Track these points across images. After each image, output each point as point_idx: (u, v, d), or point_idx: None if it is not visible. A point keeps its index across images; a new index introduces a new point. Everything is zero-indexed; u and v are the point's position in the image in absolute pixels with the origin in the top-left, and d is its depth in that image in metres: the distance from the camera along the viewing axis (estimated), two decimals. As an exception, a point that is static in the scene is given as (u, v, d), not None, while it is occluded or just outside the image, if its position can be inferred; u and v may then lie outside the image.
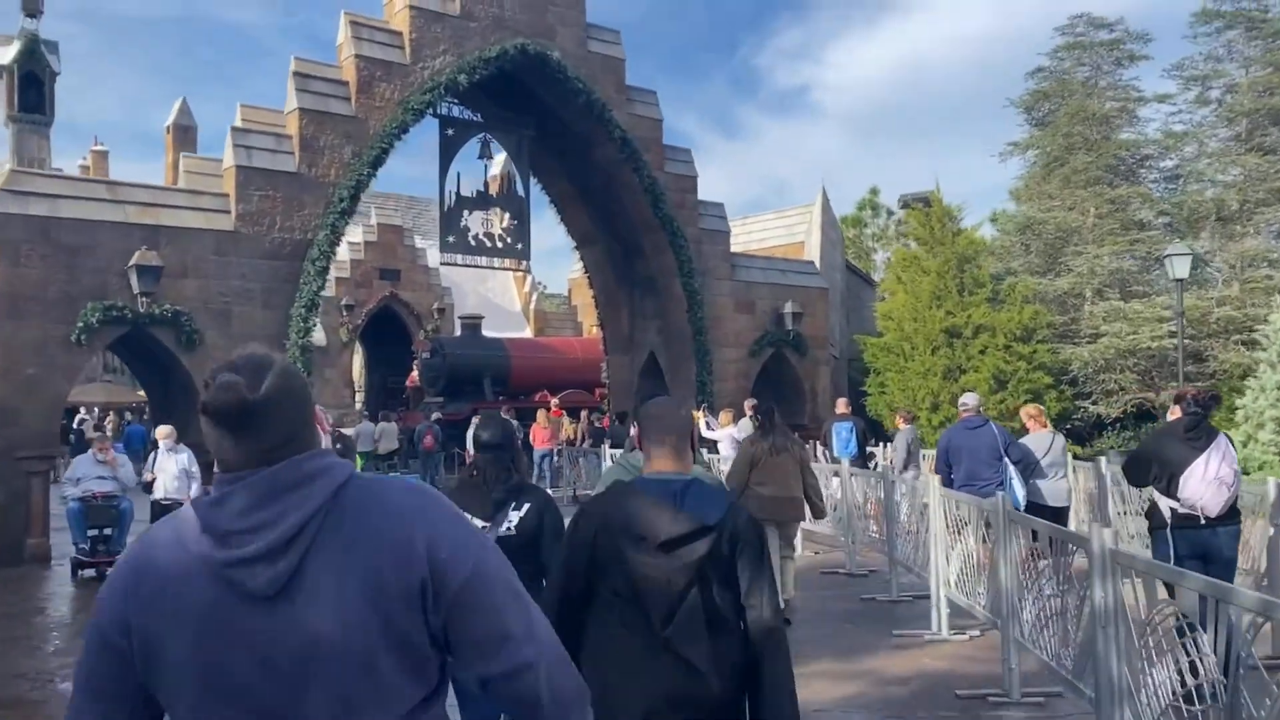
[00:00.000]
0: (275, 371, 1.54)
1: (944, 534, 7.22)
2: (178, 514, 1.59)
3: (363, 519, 1.52)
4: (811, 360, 21.41)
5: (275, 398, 1.51)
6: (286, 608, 1.47)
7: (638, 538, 2.47)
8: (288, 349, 14.32)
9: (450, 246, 17.67)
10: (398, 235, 33.30)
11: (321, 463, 1.54)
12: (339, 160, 15.02)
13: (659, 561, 2.44)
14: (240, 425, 1.49)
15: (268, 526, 1.47)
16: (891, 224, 44.13)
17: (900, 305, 21.42)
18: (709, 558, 2.45)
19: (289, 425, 1.53)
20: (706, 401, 18.47)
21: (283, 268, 14.47)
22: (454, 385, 26.46)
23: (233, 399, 1.48)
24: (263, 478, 1.49)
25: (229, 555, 1.47)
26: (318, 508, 1.50)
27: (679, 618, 2.42)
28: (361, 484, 1.56)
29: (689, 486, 2.55)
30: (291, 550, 1.47)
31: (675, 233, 18.92)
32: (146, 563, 1.55)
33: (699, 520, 2.47)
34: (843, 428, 12.96)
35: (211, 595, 1.48)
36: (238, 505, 1.49)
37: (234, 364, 1.54)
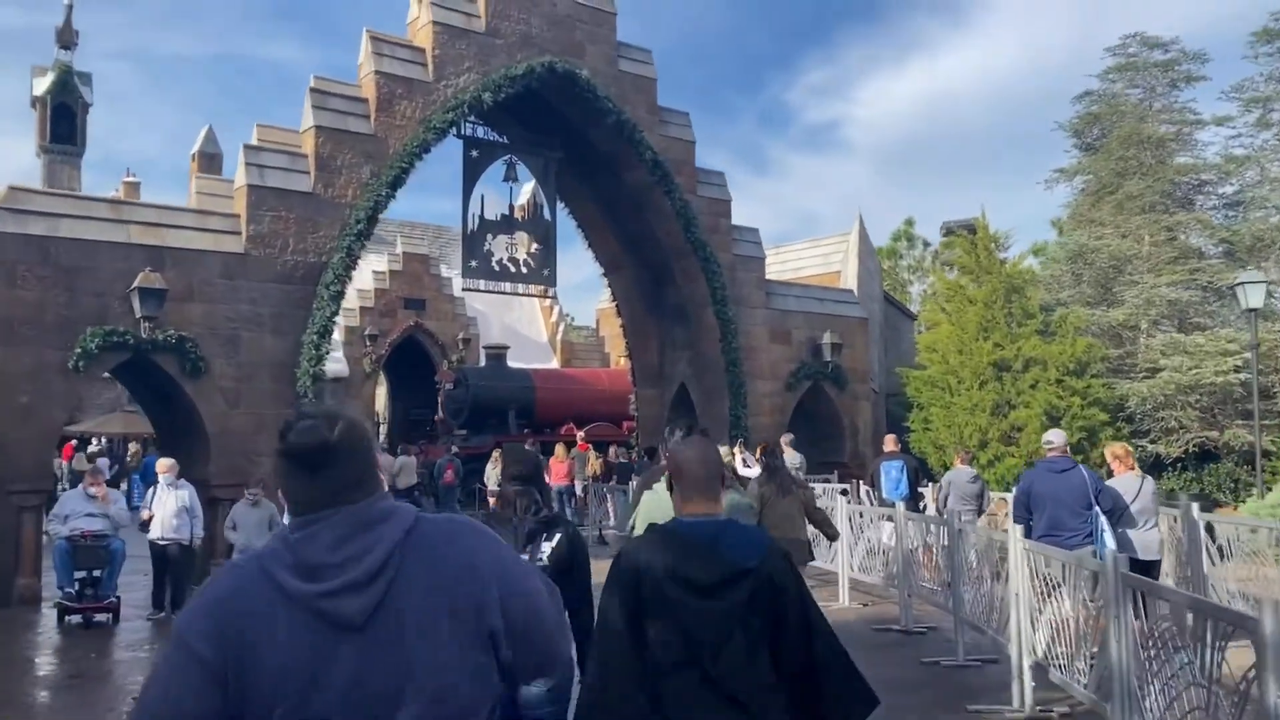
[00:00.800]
0: (346, 419, 1.74)
1: (1029, 594, 6.19)
2: (259, 551, 1.71)
3: (438, 556, 1.70)
4: (851, 394, 20.36)
5: (348, 441, 1.70)
6: (373, 637, 1.62)
7: (681, 582, 2.48)
8: (298, 378, 13.55)
9: (473, 271, 16.89)
10: (423, 264, 32.74)
11: (391, 503, 1.73)
12: (357, 180, 14.31)
13: (703, 605, 2.46)
14: (318, 465, 1.67)
15: (355, 560, 1.63)
16: (928, 255, 43.12)
17: (945, 337, 20.37)
18: (751, 599, 2.47)
19: (360, 467, 1.71)
20: (742, 437, 17.46)
21: (295, 292, 13.73)
22: (477, 417, 25.67)
23: (314, 440, 1.68)
24: (346, 515, 1.66)
25: (320, 588, 1.61)
26: (396, 543, 1.67)
27: (725, 657, 2.44)
28: (430, 522, 1.75)
29: (725, 528, 2.56)
30: (377, 582, 1.63)
31: (708, 258, 18.04)
32: (233, 593, 1.66)
33: (739, 564, 2.48)
34: (892, 467, 11.93)
35: (301, 625, 1.60)
36: (326, 540, 1.64)
37: (307, 412, 1.75)
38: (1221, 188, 20.98)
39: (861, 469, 20.38)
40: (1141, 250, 20.40)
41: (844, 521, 10.96)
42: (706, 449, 2.81)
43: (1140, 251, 20.39)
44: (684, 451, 2.77)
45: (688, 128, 18.44)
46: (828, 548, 11.53)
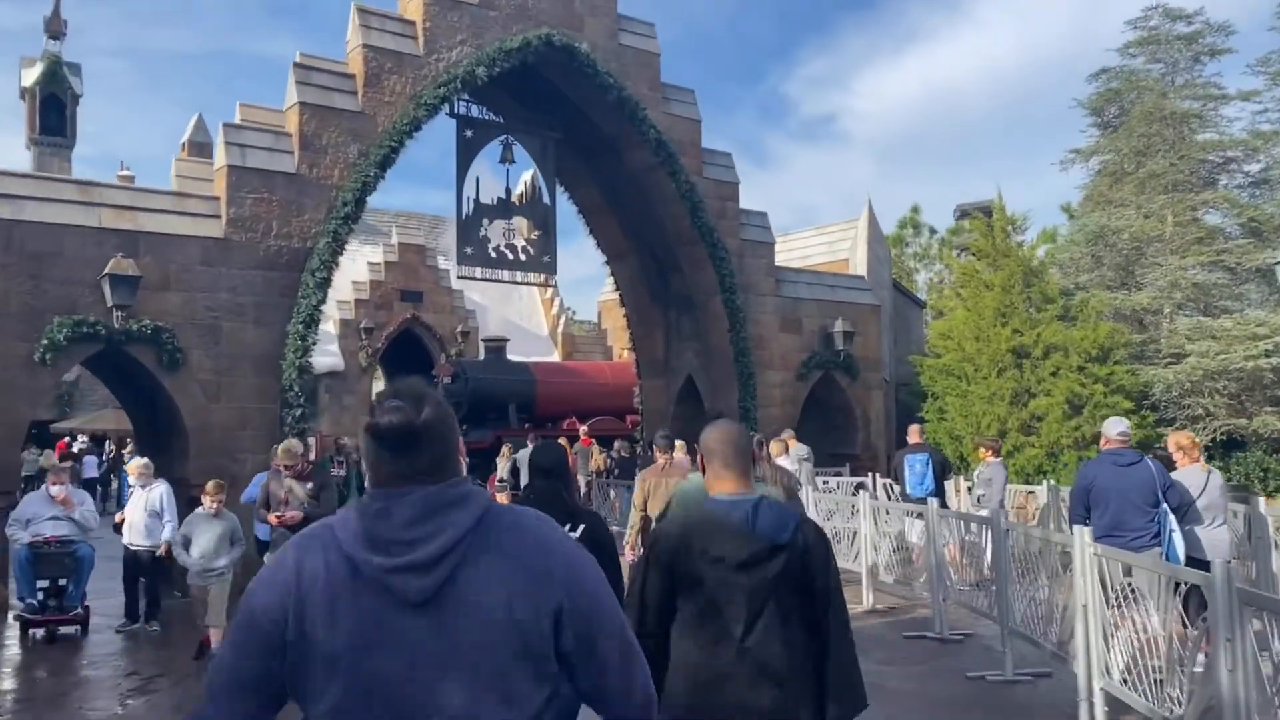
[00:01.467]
0: (433, 401, 1.79)
1: (1100, 605, 5.40)
2: (332, 521, 1.78)
3: (507, 542, 1.73)
4: (864, 384, 19.56)
5: (434, 423, 1.76)
6: (436, 615, 1.66)
7: (716, 559, 2.59)
8: (283, 370, 12.76)
9: (468, 258, 16.08)
10: (420, 255, 31.93)
11: (469, 488, 1.77)
12: (343, 160, 13.50)
13: (738, 579, 2.57)
14: (403, 446, 1.72)
15: (426, 540, 1.67)
16: (935, 242, 42.31)
17: (960, 323, 19.57)
18: (784, 574, 2.58)
19: (441, 450, 1.76)
20: (755, 430, 16.67)
21: (279, 279, 12.93)
22: (476, 412, 24.87)
23: (400, 420, 1.73)
24: (423, 496, 1.70)
25: (390, 563, 1.65)
26: (469, 527, 1.70)
27: (758, 629, 2.56)
28: (501, 510, 1.79)
29: (759, 505, 2.66)
30: (445, 563, 1.66)
31: (715, 244, 17.23)
32: (303, 565, 1.70)
33: (772, 539, 2.59)
34: (917, 460, 11.11)
35: (368, 599, 1.65)
36: (401, 518, 1.69)
37: (398, 391, 1.80)
38: (1248, 165, 20.15)
39: (874, 461, 19.61)
40: (1165, 231, 19.57)
41: (866, 518, 10.18)
42: (733, 429, 2.84)
43: (1163, 233, 19.56)
44: (712, 433, 2.83)
45: (693, 105, 17.61)
46: (849, 546, 10.77)
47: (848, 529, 10.86)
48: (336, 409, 29.79)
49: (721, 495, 2.71)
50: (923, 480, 10.80)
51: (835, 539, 11.21)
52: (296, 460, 8.35)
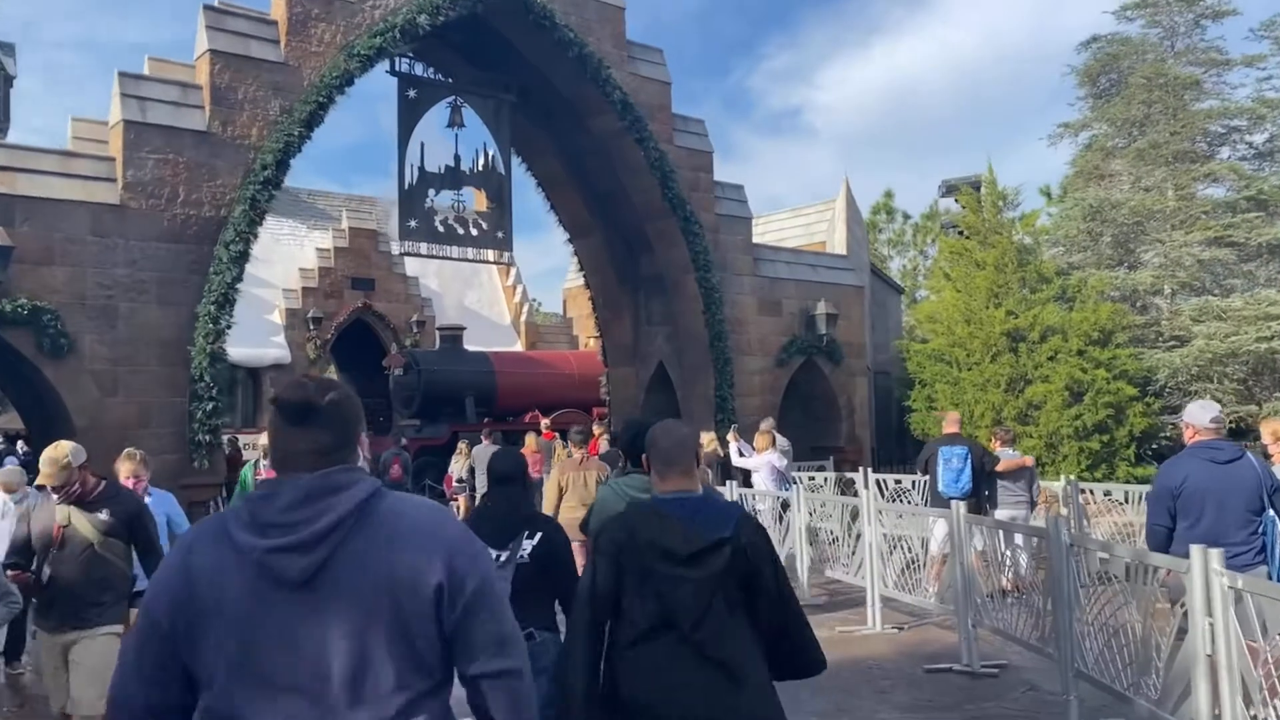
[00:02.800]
0: (340, 390, 1.88)
1: (1237, 659, 3.92)
2: (228, 508, 1.93)
3: (387, 526, 1.77)
4: (847, 370, 18.13)
5: (335, 405, 1.83)
6: (312, 596, 1.71)
7: (663, 553, 2.64)
8: (193, 358, 11.03)
9: (411, 233, 14.38)
10: (371, 241, 30.09)
11: (356, 475, 1.81)
12: (263, 118, 11.77)
13: (685, 574, 2.62)
14: (300, 419, 1.80)
15: (305, 523, 1.72)
16: (909, 228, 41.15)
17: (949, 305, 18.18)
18: (728, 566, 2.64)
19: (339, 435, 1.82)
20: (733, 422, 15.18)
21: (187, 253, 11.20)
22: (431, 406, 23.17)
23: (301, 396, 1.82)
24: (306, 480, 1.76)
25: (269, 544, 1.72)
26: (349, 511, 1.74)
27: (707, 623, 2.59)
28: (388, 498, 1.83)
29: (703, 502, 2.78)
30: (323, 545, 1.72)
31: (688, 218, 15.68)
32: (192, 553, 1.78)
33: (717, 534, 2.67)
34: (954, 454, 9.39)
35: (249, 580, 1.72)
36: (282, 501, 1.74)
37: (306, 376, 1.92)
38: (1252, 135, 18.94)
39: (859, 454, 18.20)
40: (1166, 205, 18.30)
41: (871, 522, 8.68)
42: (679, 429, 2.97)
43: (1165, 207, 18.30)
44: (657, 433, 2.91)
45: (662, 66, 16.04)
46: (849, 554, 9.28)
47: (846, 533, 9.35)
48: (283, 404, 27.95)
49: (667, 492, 2.78)
50: (959, 478, 9.20)
51: (832, 545, 9.72)
52: (70, 475, 4.86)
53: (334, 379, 1.90)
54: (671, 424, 3.04)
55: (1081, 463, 16.53)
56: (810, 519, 9.73)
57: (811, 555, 9.70)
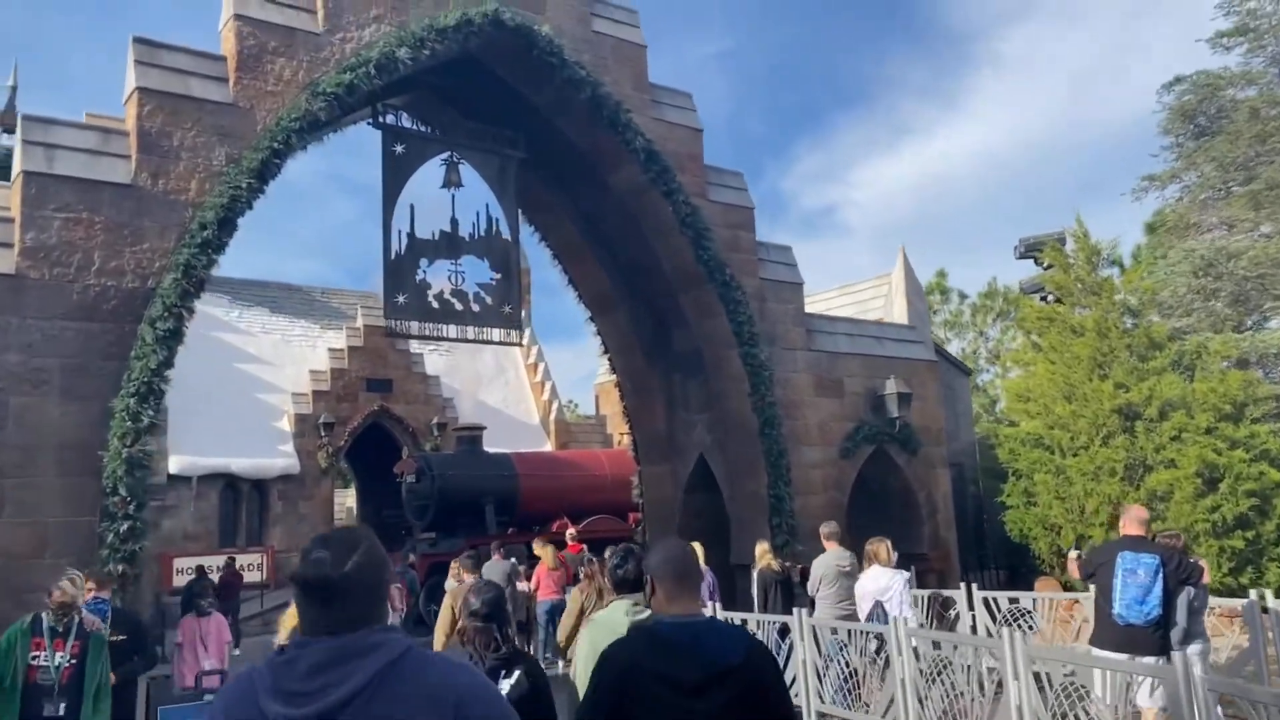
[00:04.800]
0: (361, 551, 1.81)
1: None
2: (253, 669, 1.84)
3: (411, 688, 1.76)
4: (925, 461, 15.32)
5: (355, 576, 1.78)
6: None
7: (668, 682, 2.49)
8: (105, 465, 8.63)
9: (400, 310, 12.05)
10: (388, 339, 27.97)
11: (383, 636, 1.78)
12: (204, 168, 9.63)
13: (691, 704, 2.47)
14: (322, 599, 1.77)
15: (327, 690, 1.70)
16: (966, 308, 38.45)
17: (1042, 381, 15.39)
18: (738, 696, 2.48)
19: (364, 602, 1.79)
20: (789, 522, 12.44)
21: (101, 334, 8.93)
22: (446, 515, 20.54)
23: (318, 575, 1.78)
24: (329, 646, 1.74)
25: (291, 713, 1.71)
26: (371, 676, 1.72)
27: None
28: (416, 657, 1.80)
29: (709, 627, 2.61)
30: (345, 713, 1.70)
31: (727, 283, 13.24)
32: (226, 707, 1.78)
33: (723, 662, 2.51)
34: (1140, 563, 6.37)
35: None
36: (303, 667, 1.73)
37: (327, 540, 1.84)
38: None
39: (945, 560, 15.22)
40: (1291, 255, 15.54)
41: (1018, 673, 5.83)
42: (680, 550, 2.83)
43: (1290, 256, 15.54)
44: (655, 555, 2.81)
45: (691, 112, 13.85)
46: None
47: (978, 690, 6.49)
48: (291, 518, 25.53)
49: (669, 617, 2.65)
50: (1145, 597, 6.27)
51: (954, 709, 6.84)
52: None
53: (354, 533, 1.83)
54: (673, 544, 2.89)
55: (1223, 565, 13.45)
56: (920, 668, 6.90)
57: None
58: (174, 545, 23.17)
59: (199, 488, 23.90)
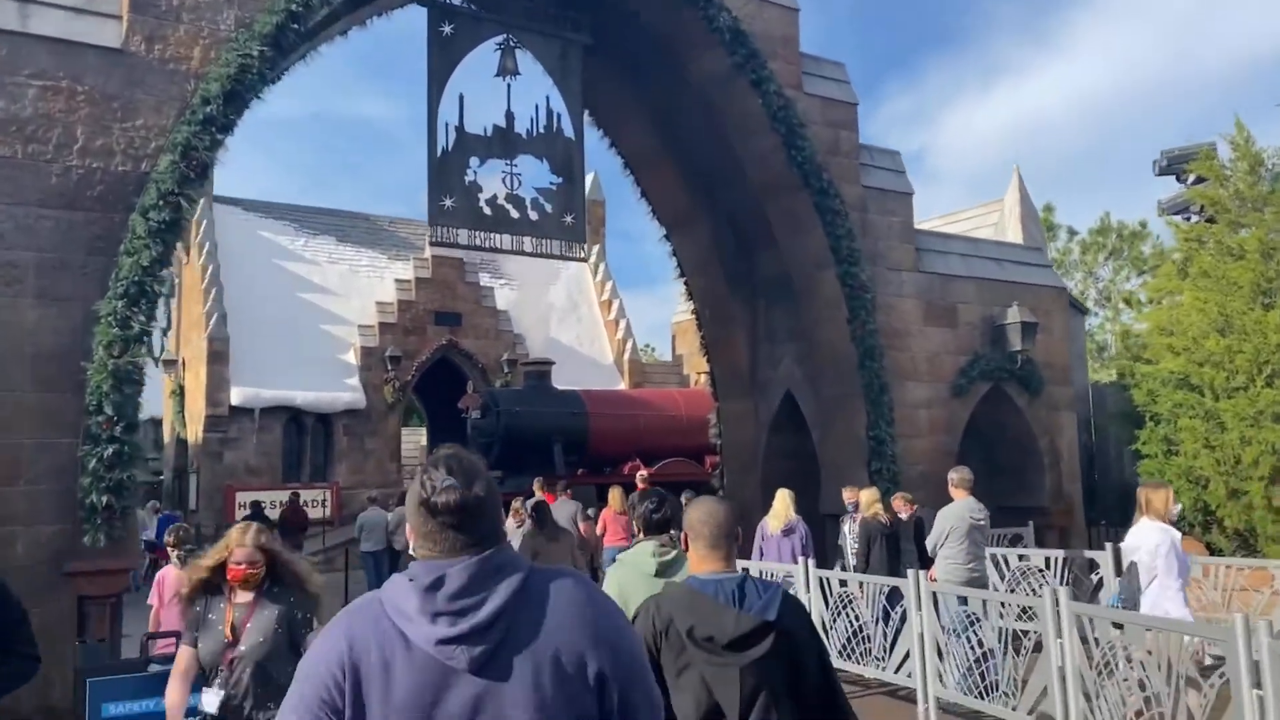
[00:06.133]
0: (484, 478, 1.84)
1: None
2: (378, 593, 1.80)
3: (549, 608, 1.76)
4: (1048, 402, 13.31)
5: (485, 499, 1.81)
6: (485, 684, 1.68)
7: (705, 639, 2.51)
8: (89, 379, 7.34)
9: (446, 215, 10.51)
10: (457, 270, 26.81)
11: (511, 555, 1.81)
12: (209, 33, 8.16)
13: (727, 659, 2.49)
14: (458, 523, 1.77)
15: (475, 609, 1.70)
16: (1075, 245, 35.47)
17: (1191, 312, 13.16)
18: (774, 652, 2.51)
19: (494, 522, 1.83)
20: (890, 469, 10.70)
21: (85, 225, 7.60)
22: (512, 453, 19.31)
23: (456, 500, 1.77)
24: (469, 565, 1.74)
25: (441, 633, 1.69)
26: (512, 594, 1.74)
27: (754, 715, 2.47)
28: (540, 574, 1.82)
29: (744, 584, 2.62)
30: (492, 632, 1.70)
31: (825, 191, 11.37)
32: (354, 634, 1.73)
33: (760, 618, 2.53)
34: None
35: (421, 669, 1.68)
36: (450, 589, 1.71)
37: (450, 467, 1.81)
38: None
39: (1068, 517, 13.27)
40: None
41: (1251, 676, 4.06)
42: (719, 509, 2.82)
43: None
44: (693, 512, 2.81)
45: (785, -11, 11.88)
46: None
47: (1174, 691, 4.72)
48: (357, 454, 24.66)
49: (707, 574, 2.68)
50: None
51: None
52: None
53: (470, 459, 1.84)
54: (710, 502, 2.88)
55: None
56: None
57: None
58: (236, 479, 22.52)
59: (261, 420, 23.12)
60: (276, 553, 3.86)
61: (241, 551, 3.77)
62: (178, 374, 25.53)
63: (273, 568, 3.84)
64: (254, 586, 3.78)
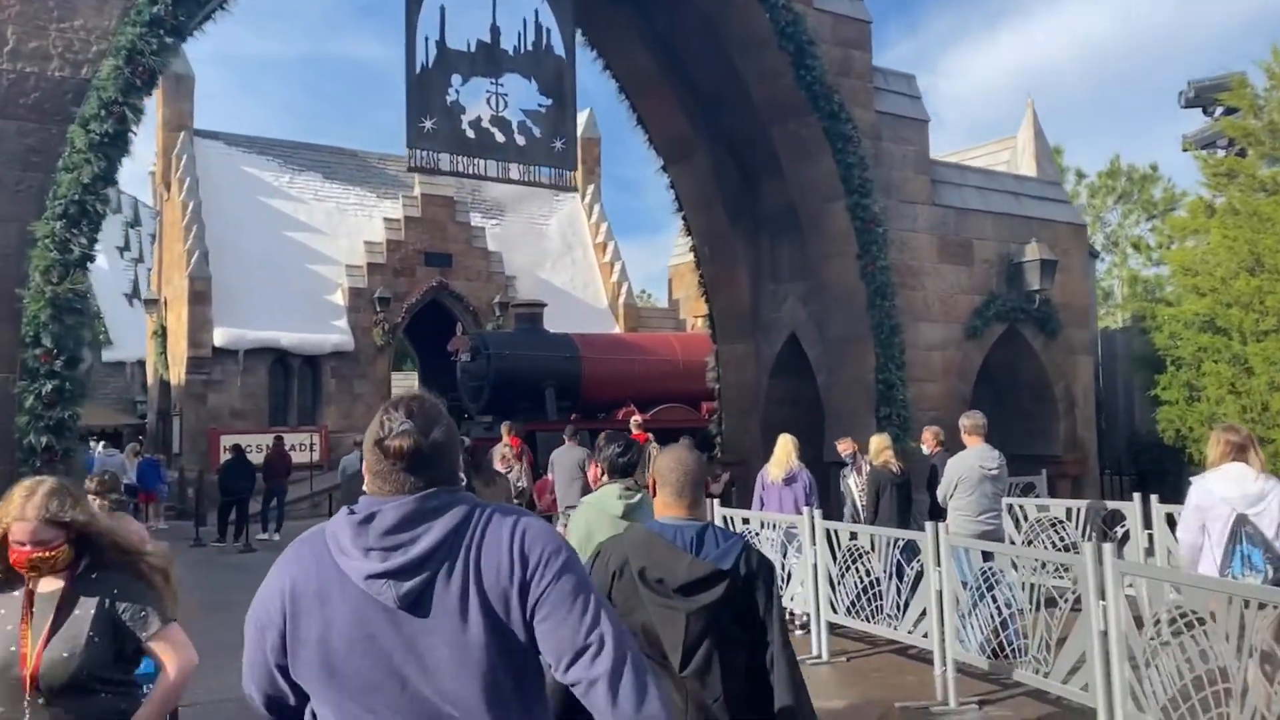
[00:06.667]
0: (443, 424, 1.81)
1: None
2: (324, 527, 1.80)
3: (486, 547, 1.75)
4: (1064, 346, 12.64)
5: (442, 445, 1.78)
6: (415, 620, 1.68)
7: (656, 581, 2.53)
8: (25, 307, 6.63)
9: (426, 138, 9.71)
10: (448, 210, 25.97)
11: (456, 496, 1.78)
12: (154, -77, 7.31)
13: (676, 604, 2.50)
14: (412, 466, 1.75)
15: (404, 547, 1.69)
16: (1083, 189, 34.55)
17: (1219, 250, 12.45)
18: (724, 600, 2.51)
19: (448, 468, 1.81)
20: (902, 413, 10.07)
21: (18, 138, 6.84)
22: (502, 398, 18.67)
23: (411, 445, 1.74)
24: (406, 503, 1.73)
25: (370, 568, 1.69)
26: (445, 533, 1.72)
27: (695, 661, 2.49)
28: (485, 512, 1.80)
29: (704, 531, 2.62)
30: (423, 570, 1.69)
31: (835, 114, 10.57)
32: (295, 568, 1.76)
33: (714, 565, 2.53)
34: None
35: (354, 602, 1.69)
36: (383, 525, 1.71)
37: (410, 410, 1.79)
38: None
39: (1083, 466, 12.70)
40: None
41: None
42: (689, 458, 2.82)
43: None
44: (661, 460, 2.81)
45: (794, -107, 10.94)
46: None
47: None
48: (346, 397, 24.02)
49: (668, 519, 2.68)
50: None
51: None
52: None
53: (430, 401, 1.81)
54: (682, 451, 2.88)
55: None
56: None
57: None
58: (221, 422, 21.91)
59: (246, 362, 22.45)
60: (86, 524, 2.58)
61: (21, 527, 2.47)
62: (160, 314, 24.81)
63: (87, 542, 2.59)
64: (58, 572, 2.54)
